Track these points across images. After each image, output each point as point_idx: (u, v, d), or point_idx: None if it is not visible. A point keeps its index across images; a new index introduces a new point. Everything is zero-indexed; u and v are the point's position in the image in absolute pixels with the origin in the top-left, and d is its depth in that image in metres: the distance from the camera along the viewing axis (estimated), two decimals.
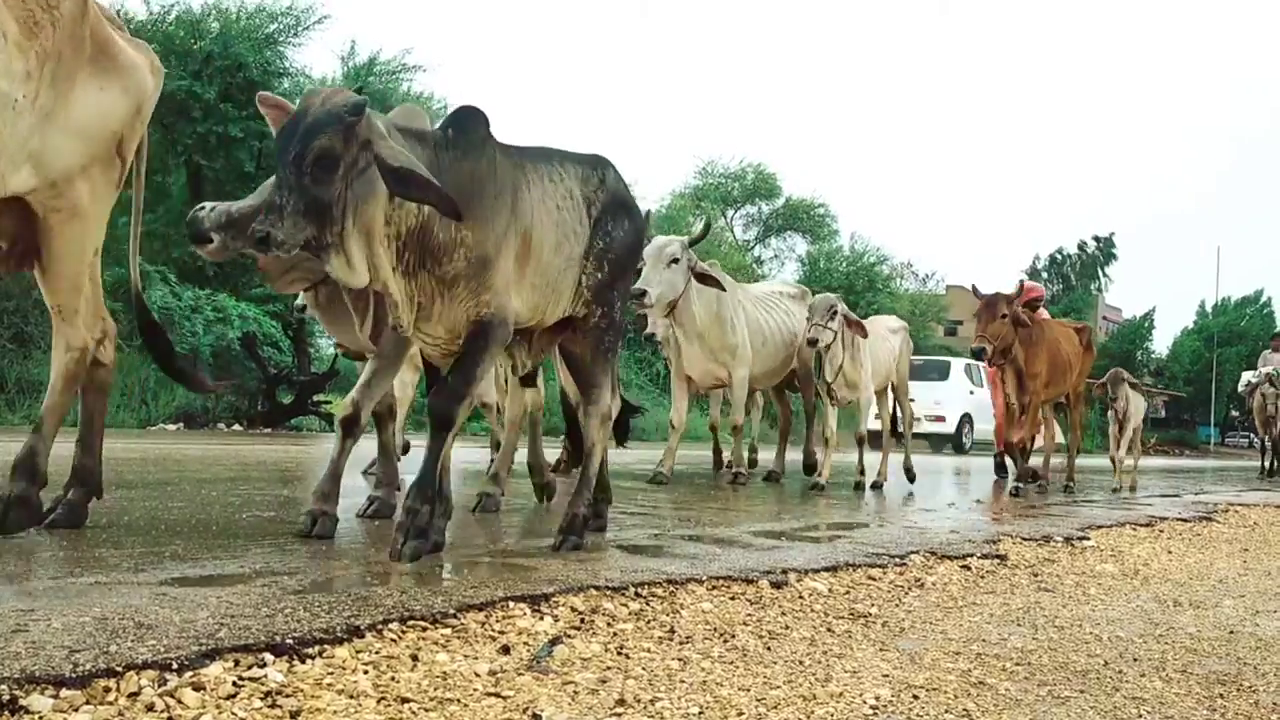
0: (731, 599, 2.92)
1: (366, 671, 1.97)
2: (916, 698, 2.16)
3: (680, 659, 2.32)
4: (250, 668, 1.89)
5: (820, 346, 6.49)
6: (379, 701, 1.85)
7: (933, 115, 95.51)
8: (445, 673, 2.03)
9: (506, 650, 2.22)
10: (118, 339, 3.45)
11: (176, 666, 1.82)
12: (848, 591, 3.21)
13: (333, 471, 3.48)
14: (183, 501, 4.15)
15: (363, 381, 3.57)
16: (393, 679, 1.96)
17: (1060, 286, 42.86)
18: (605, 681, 2.10)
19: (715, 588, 2.98)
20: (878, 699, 2.12)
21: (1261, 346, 17.38)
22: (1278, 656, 2.78)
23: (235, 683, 1.82)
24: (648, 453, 9.97)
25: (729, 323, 6.69)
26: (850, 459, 7.53)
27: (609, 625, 2.52)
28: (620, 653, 2.33)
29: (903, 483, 7.62)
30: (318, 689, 1.86)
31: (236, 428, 12.26)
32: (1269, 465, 13.52)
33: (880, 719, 2.02)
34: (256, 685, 1.83)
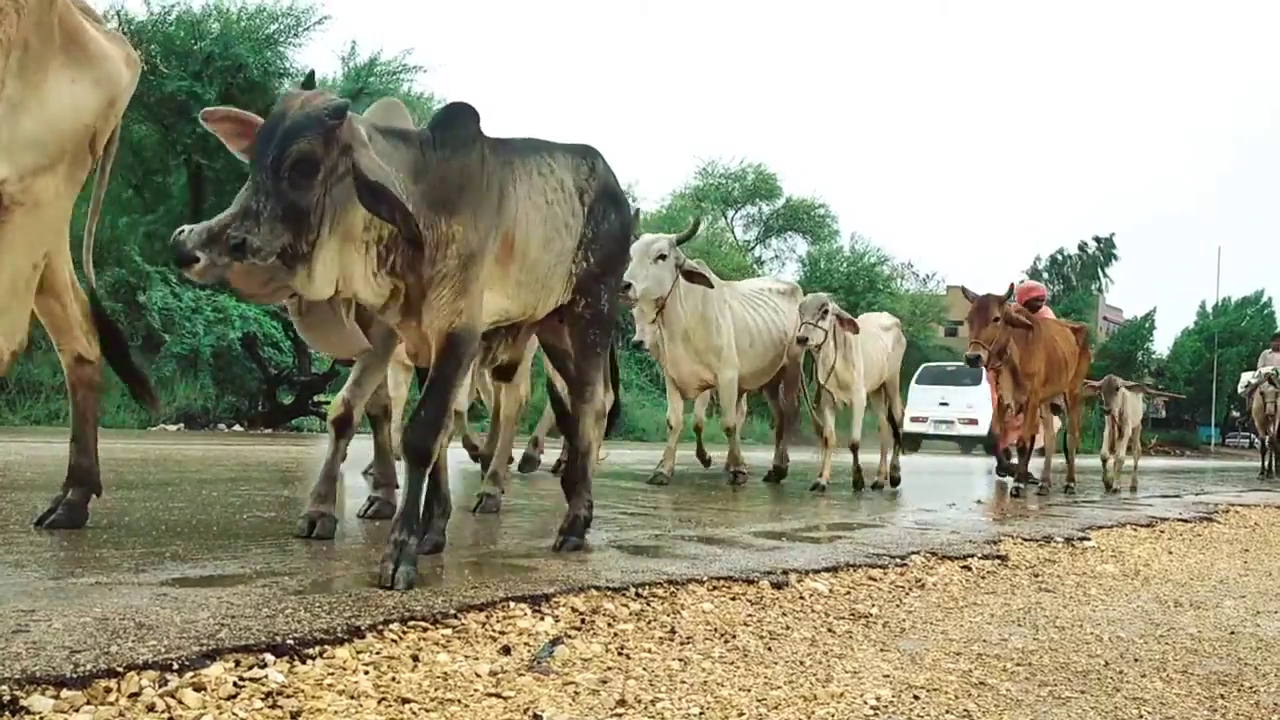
0: (732, 599, 2.92)
1: (367, 672, 1.97)
2: (917, 698, 2.16)
3: (681, 659, 2.32)
4: (251, 668, 1.89)
5: (811, 346, 6.43)
6: (380, 702, 1.85)
7: (933, 115, 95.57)
8: (446, 673, 2.03)
9: (507, 651, 2.22)
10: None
11: (177, 667, 1.83)
12: (848, 592, 3.21)
13: (328, 472, 3.48)
14: (183, 502, 4.15)
15: (352, 380, 3.55)
16: (393, 679, 1.96)
17: (1061, 287, 42.84)
18: (606, 682, 2.10)
19: (716, 588, 2.98)
20: (878, 699, 2.12)
21: (1262, 346, 17.36)
22: (1278, 657, 2.78)
23: (236, 683, 1.82)
24: (648, 453, 9.97)
25: (714, 323, 6.56)
26: (849, 459, 7.52)
27: (610, 626, 2.52)
28: (621, 653, 2.33)
29: (903, 483, 7.62)
30: (318, 689, 1.86)
31: (237, 428, 12.26)
32: (1269, 465, 13.50)
33: (881, 719, 2.02)
34: (257, 686, 1.83)
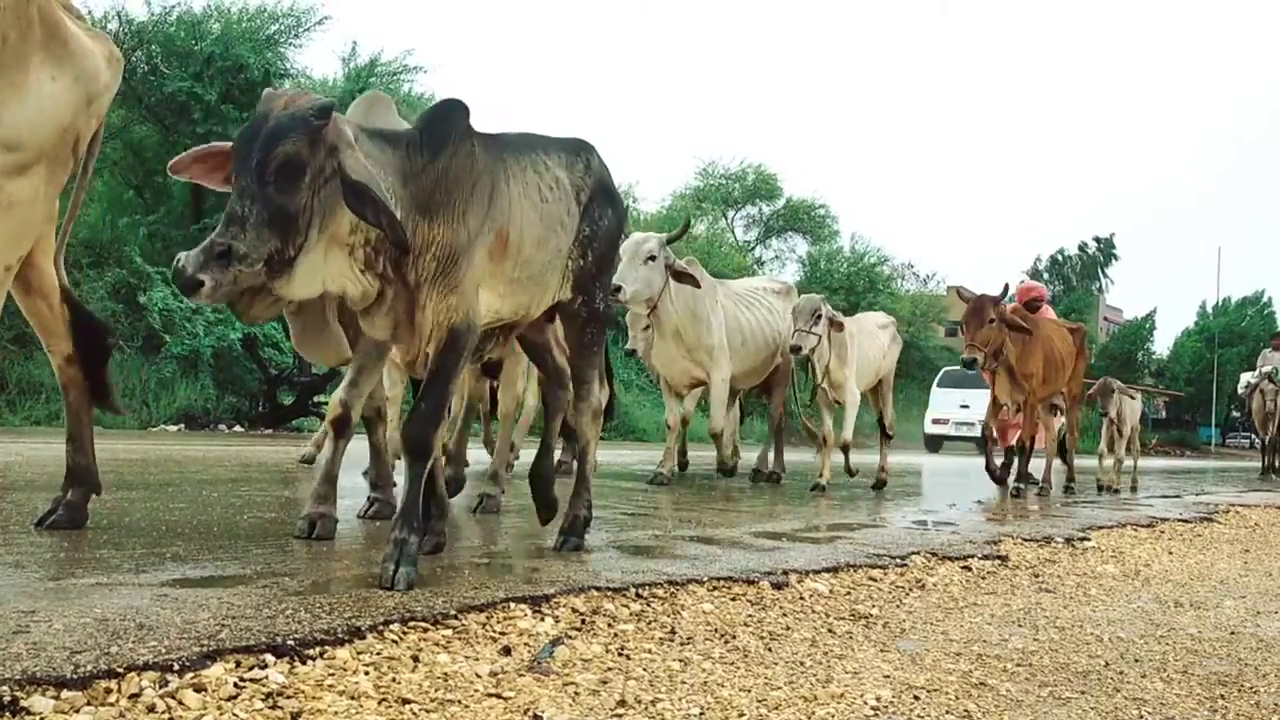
0: (732, 600, 2.92)
1: (367, 672, 1.97)
2: (917, 698, 2.16)
3: (681, 660, 2.32)
4: (251, 669, 1.89)
5: (804, 354, 6.37)
6: (380, 702, 1.85)
7: (933, 116, 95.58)
8: (446, 674, 2.03)
9: (507, 651, 2.23)
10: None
11: (178, 668, 1.83)
12: (849, 592, 3.22)
13: (327, 473, 3.48)
14: (184, 503, 4.15)
15: (348, 381, 3.54)
16: (394, 680, 1.96)
17: (1061, 287, 42.82)
18: (606, 682, 2.10)
19: (716, 589, 2.98)
20: (879, 700, 2.12)
21: (1262, 346, 17.35)
22: (1279, 657, 2.78)
23: (236, 684, 1.82)
24: (648, 453, 9.98)
25: (705, 321, 6.48)
26: (859, 460, 7.52)
27: (610, 626, 2.52)
28: (621, 654, 2.33)
29: (901, 484, 7.62)
30: (319, 690, 1.86)
31: (237, 429, 12.26)
32: (1269, 464, 13.44)
33: (881, 719, 2.03)
34: (258, 686, 1.83)
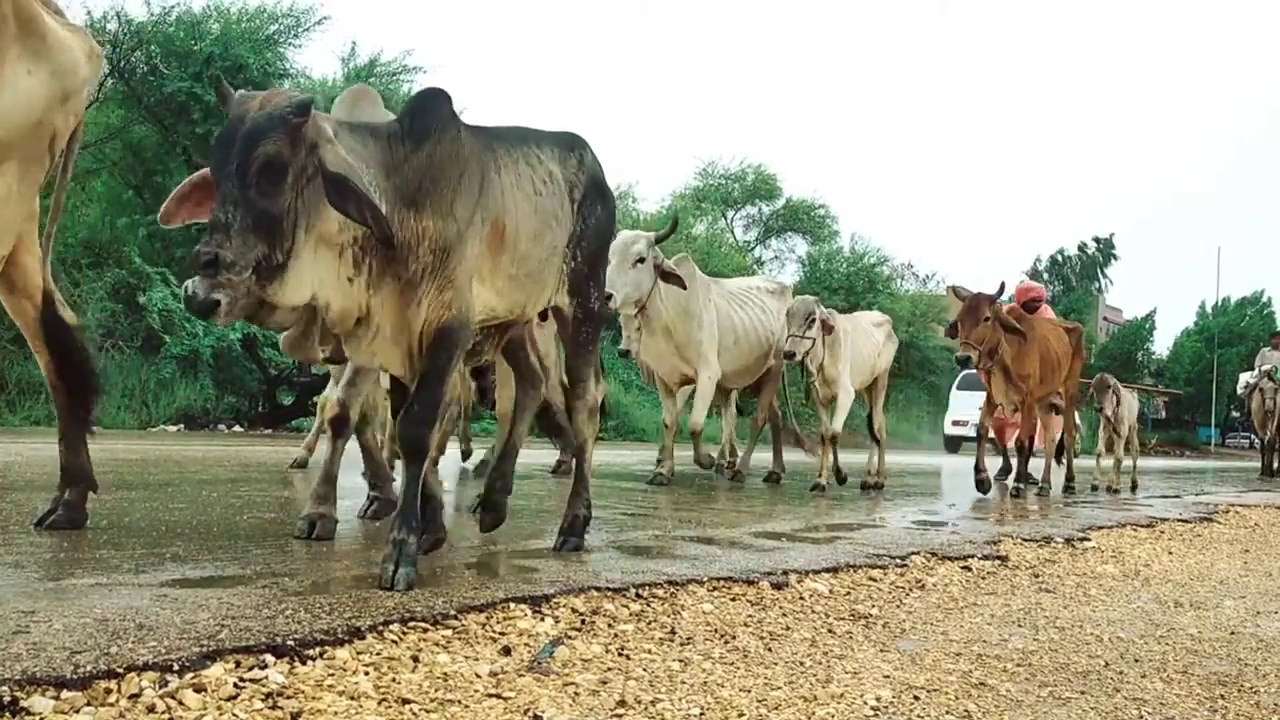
0: (732, 600, 2.92)
1: (367, 673, 1.97)
2: (917, 699, 2.16)
3: (681, 660, 2.32)
4: (251, 669, 1.89)
5: (798, 360, 6.32)
6: (380, 703, 1.85)
7: (933, 115, 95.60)
8: (446, 674, 2.03)
9: (507, 651, 2.22)
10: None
11: (177, 668, 1.83)
12: (848, 592, 3.21)
13: (327, 473, 3.47)
14: (183, 503, 4.15)
15: (345, 380, 3.53)
16: (394, 680, 1.96)
17: (1060, 287, 42.84)
18: (606, 683, 2.10)
19: (716, 589, 2.98)
20: (879, 700, 2.12)
21: (1261, 345, 17.33)
22: (1278, 657, 2.78)
23: (236, 684, 1.82)
24: (648, 453, 9.97)
25: (697, 318, 6.46)
26: (855, 460, 7.52)
27: (610, 626, 2.52)
28: (621, 654, 2.33)
29: (901, 484, 7.62)
30: (319, 690, 1.86)
31: (237, 429, 12.26)
32: (1268, 464, 13.39)
33: (881, 719, 2.03)
34: (257, 687, 1.83)
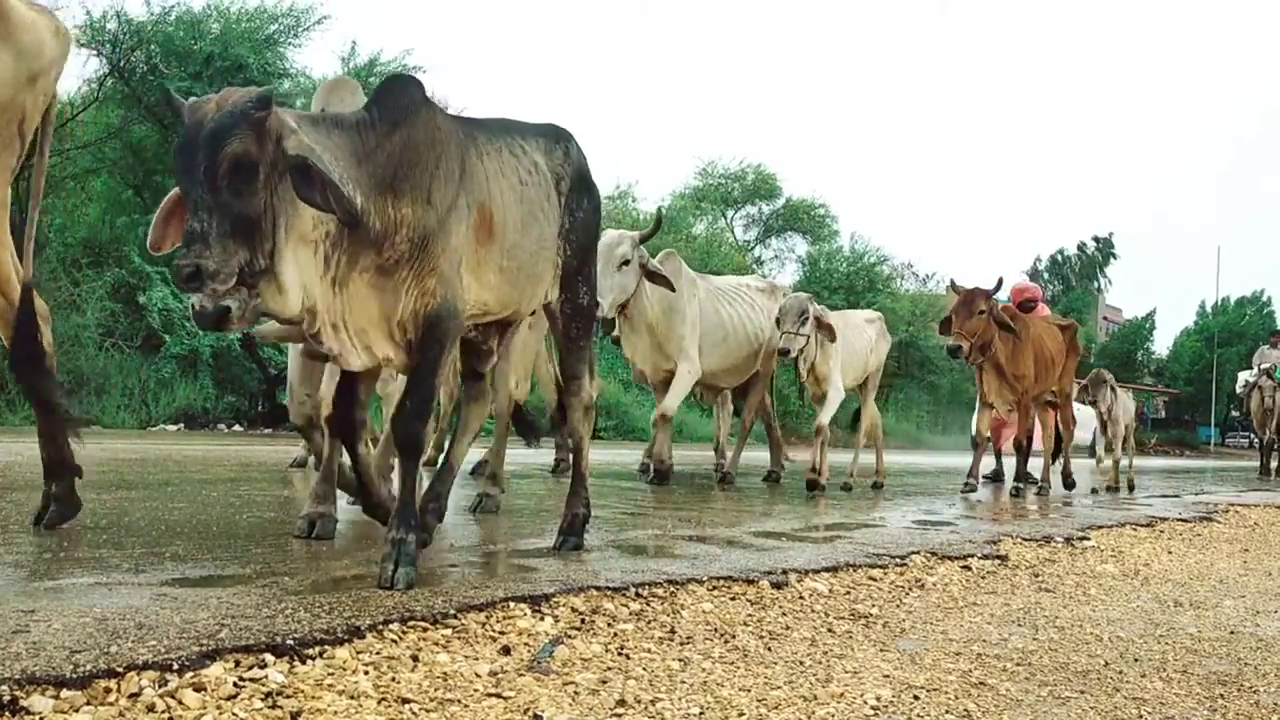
0: (732, 599, 2.92)
1: (367, 672, 1.97)
2: (917, 698, 2.16)
3: (681, 659, 2.32)
4: (251, 668, 1.89)
5: (792, 358, 6.26)
6: (380, 702, 1.85)
7: (933, 115, 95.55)
8: (446, 673, 2.03)
9: (507, 651, 2.22)
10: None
11: (177, 667, 1.83)
12: (848, 592, 3.21)
13: (326, 472, 3.46)
14: (183, 502, 4.15)
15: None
16: (393, 679, 1.96)
17: (1060, 287, 42.86)
18: (606, 682, 2.10)
19: (716, 588, 2.98)
20: (878, 699, 2.12)
21: (1260, 344, 17.32)
22: (1278, 657, 2.78)
23: (236, 683, 1.82)
24: None
25: (680, 313, 6.41)
26: (841, 458, 7.52)
27: (609, 626, 2.52)
28: (621, 653, 2.33)
29: (901, 484, 7.62)
30: (318, 690, 1.86)
31: (237, 428, 12.26)
32: (1268, 464, 13.34)
33: (881, 719, 2.02)
34: (257, 686, 1.83)
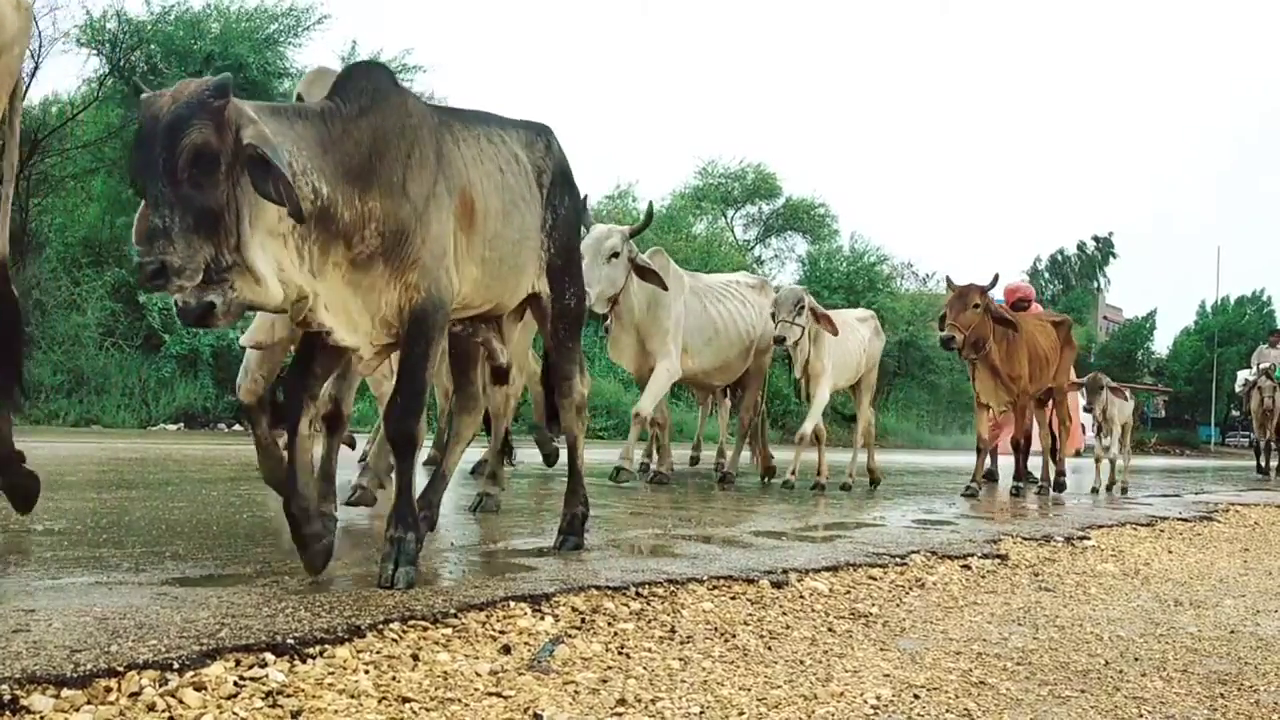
0: (732, 599, 2.92)
1: (367, 671, 1.97)
2: (917, 697, 2.16)
3: (681, 659, 2.32)
4: (251, 667, 1.89)
5: (789, 345, 6.28)
6: (380, 701, 1.85)
7: (933, 115, 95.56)
8: (446, 672, 2.03)
9: (507, 650, 2.22)
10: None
11: (178, 666, 1.83)
12: (848, 591, 3.21)
13: (325, 471, 3.45)
14: (183, 501, 4.15)
15: (336, 375, 3.52)
16: (394, 679, 1.96)
17: (1060, 287, 42.87)
18: (606, 681, 2.10)
19: (716, 587, 2.98)
20: (879, 698, 2.12)
21: (1260, 344, 17.30)
22: (1278, 656, 2.78)
23: (236, 682, 1.82)
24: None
25: (666, 308, 6.32)
26: (840, 458, 7.52)
27: (610, 625, 2.52)
28: (621, 652, 2.33)
29: (901, 483, 7.61)
30: (319, 689, 1.86)
31: (237, 428, 12.26)
32: (1268, 465, 13.31)
33: (881, 718, 2.02)
34: (258, 685, 1.83)
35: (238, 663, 1.90)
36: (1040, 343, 7.47)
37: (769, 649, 2.50)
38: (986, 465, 7.90)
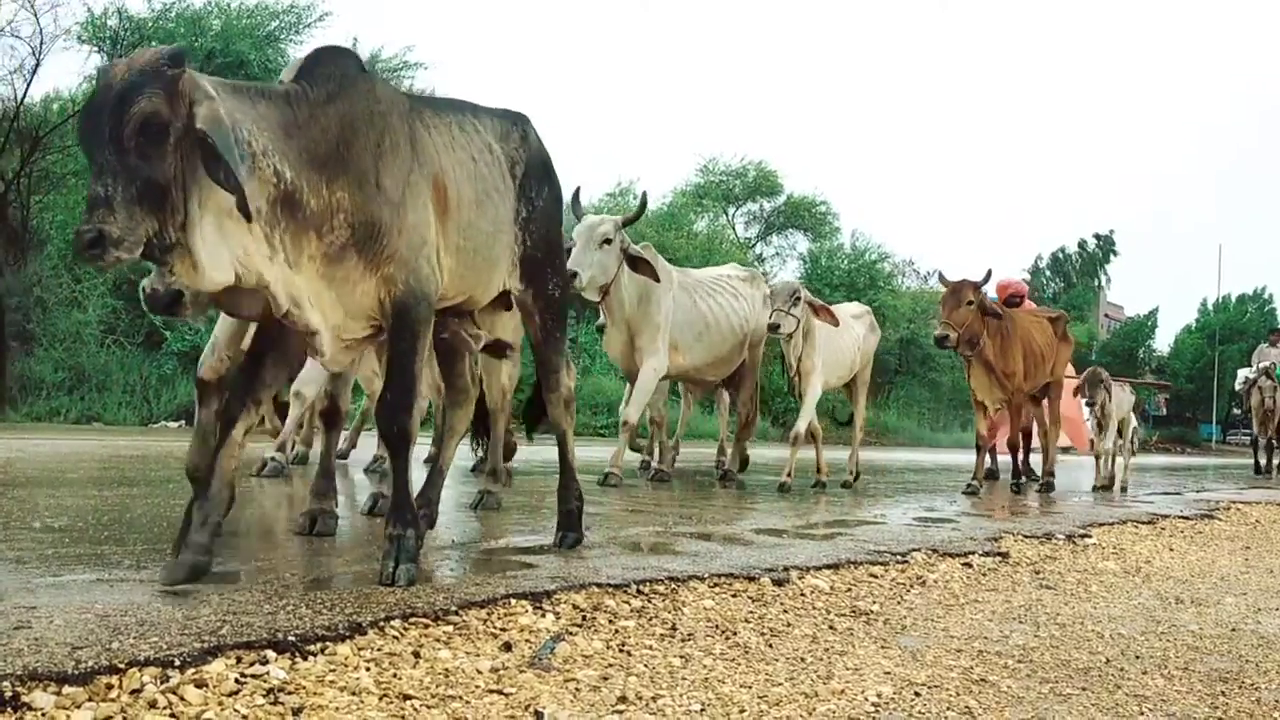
0: (733, 596, 2.92)
1: (369, 668, 1.97)
2: (918, 695, 2.16)
3: (682, 656, 2.32)
4: (252, 665, 1.89)
5: (783, 334, 6.23)
6: (381, 698, 1.85)
7: (934, 113, 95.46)
8: (447, 670, 2.03)
9: (508, 647, 2.23)
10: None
11: (179, 663, 1.83)
12: (849, 589, 3.21)
13: (324, 468, 3.44)
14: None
15: (332, 373, 3.51)
16: (395, 676, 1.96)
17: (1062, 285, 42.83)
18: (607, 679, 2.10)
19: (717, 585, 2.98)
20: (879, 696, 2.12)
21: (1260, 342, 17.27)
22: (1279, 654, 2.78)
23: (237, 680, 1.82)
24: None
25: (657, 303, 6.17)
26: (836, 456, 7.51)
27: (611, 622, 2.52)
28: (622, 650, 2.33)
29: (901, 481, 7.60)
30: (320, 686, 1.86)
31: None
32: (1268, 464, 13.28)
33: (882, 716, 2.02)
34: (259, 682, 1.83)
35: (239, 660, 1.90)
36: (1035, 339, 7.41)
37: (770, 646, 2.50)
38: (987, 464, 7.89)
